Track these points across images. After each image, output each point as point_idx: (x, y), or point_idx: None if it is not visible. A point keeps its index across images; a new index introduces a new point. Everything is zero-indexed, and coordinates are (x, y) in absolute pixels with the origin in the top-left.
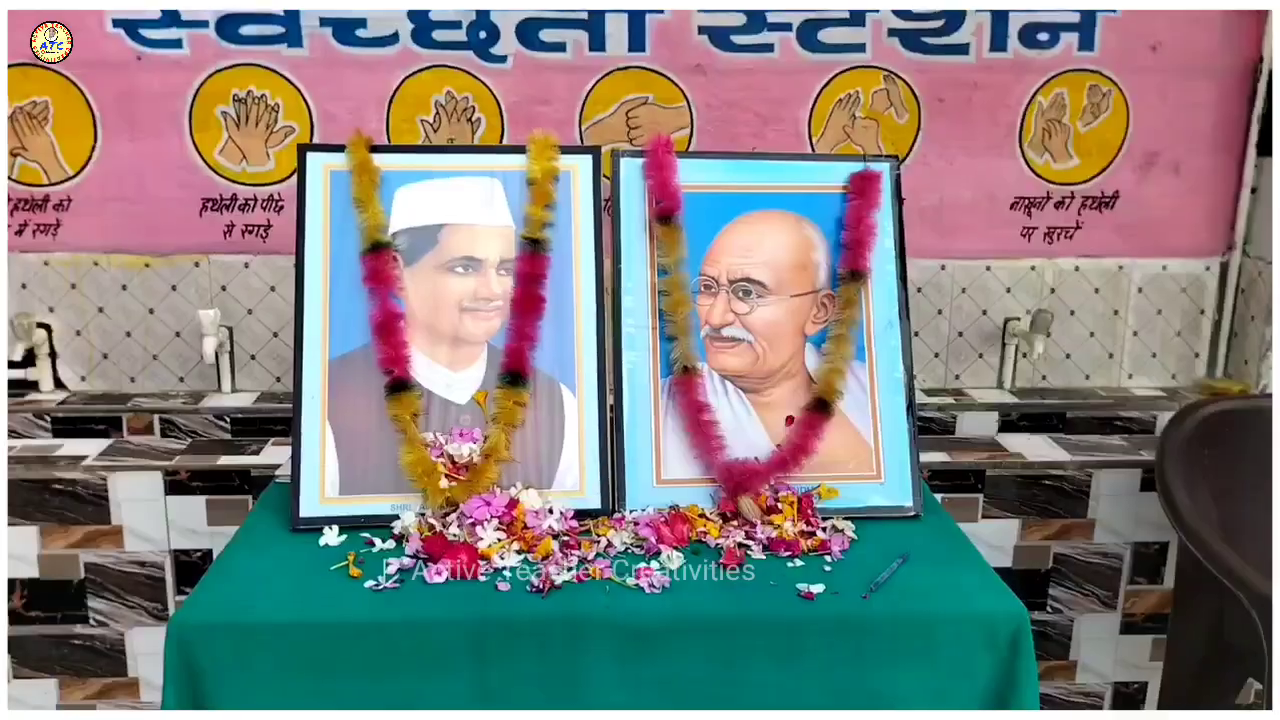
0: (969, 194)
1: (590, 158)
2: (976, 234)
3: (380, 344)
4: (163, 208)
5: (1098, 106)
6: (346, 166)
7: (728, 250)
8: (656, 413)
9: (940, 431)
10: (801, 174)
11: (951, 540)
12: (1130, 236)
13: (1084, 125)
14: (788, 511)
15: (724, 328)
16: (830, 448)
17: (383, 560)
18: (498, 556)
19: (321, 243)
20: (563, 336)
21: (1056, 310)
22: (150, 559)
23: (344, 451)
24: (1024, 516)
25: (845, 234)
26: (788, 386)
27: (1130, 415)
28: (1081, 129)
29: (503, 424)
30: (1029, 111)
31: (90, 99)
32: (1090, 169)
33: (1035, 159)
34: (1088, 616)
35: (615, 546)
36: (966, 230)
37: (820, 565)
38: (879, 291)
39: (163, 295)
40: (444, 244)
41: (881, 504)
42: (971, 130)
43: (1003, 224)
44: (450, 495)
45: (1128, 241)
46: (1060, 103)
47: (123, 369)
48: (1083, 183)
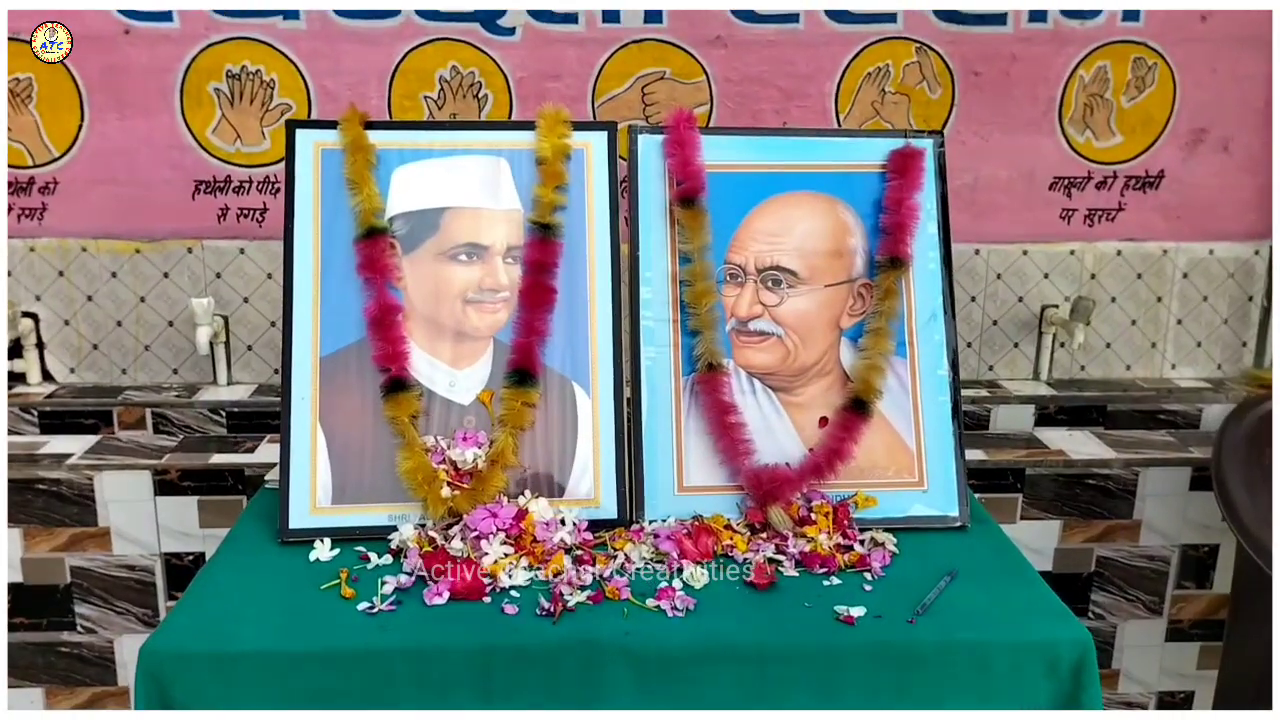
0: (1005, 173)
1: (605, 134)
2: (1013, 216)
3: (376, 339)
4: (153, 190)
5: (1142, 80)
6: (339, 144)
7: (755, 236)
8: (678, 414)
9: (974, 426)
10: (836, 152)
11: (1002, 554)
12: (1175, 218)
13: (1128, 100)
14: (822, 523)
15: (751, 321)
16: (868, 452)
17: (378, 579)
18: (504, 574)
19: (312, 228)
20: (575, 331)
21: (1096, 296)
22: (139, 563)
23: (337, 457)
24: (1065, 517)
25: (884, 217)
26: (821, 385)
27: (1174, 408)
28: (1125, 104)
29: (510, 427)
30: (1069, 86)
31: (76, 75)
32: (1134, 147)
33: (1076, 136)
34: (1132, 623)
35: (633, 562)
36: (1002, 212)
37: (859, 583)
38: (921, 280)
39: (154, 283)
40: (446, 229)
41: (924, 514)
42: (1008, 106)
43: (1041, 205)
44: (453, 505)
45: (1172, 224)
46: (1103, 76)
47: (113, 360)
48: (1126, 162)
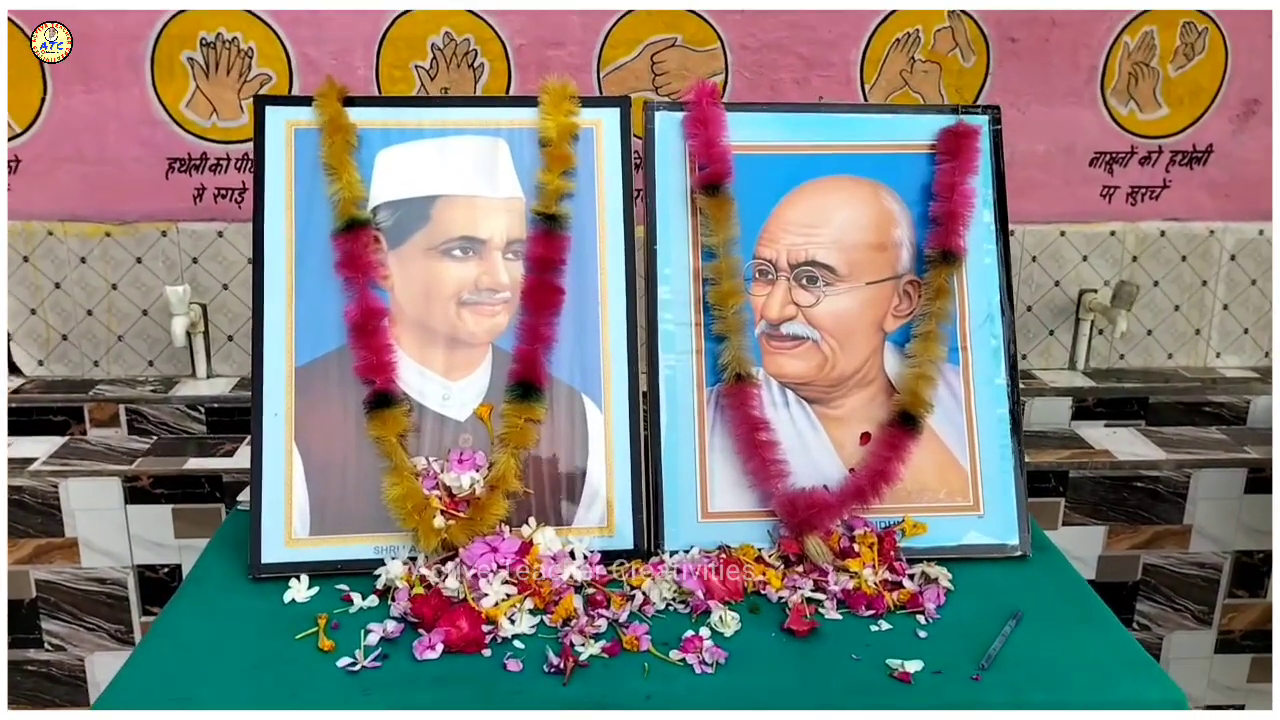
0: (1043, 148)
1: (617, 111)
2: (1051, 194)
3: (358, 347)
4: (123, 169)
5: (1191, 47)
6: (315, 123)
7: (788, 227)
8: (701, 430)
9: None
10: (879, 130)
11: (1069, 589)
12: (1223, 196)
13: (1175, 69)
14: (866, 555)
15: (783, 323)
16: (916, 472)
17: (362, 626)
18: (506, 618)
19: (284, 220)
20: (585, 336)
21: (1138, 280)
22: (110, 575)
23: (315, 482)
24: (1110, 523)
25: (934, 205)
26: (863, 396)
27: (1221, 400)
28: (1172, 73)
29: (512, 446)
30: (1113, 53)
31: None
32: (1181, 120)
33: (1119, 108)
34: (1179, 634)
35: (653, 603)
36: (1039, 190)
37: (911, 628)
38: (975, 276)
39: (126, 268)
40: (437, 221)
41: (980, 542)
42: (1047, 75)
43: (1080, 182)
44: (447, 537)
45: (1220, 202)
46: (1149, 43)
47: (84, 352)
48: (1171, 135)
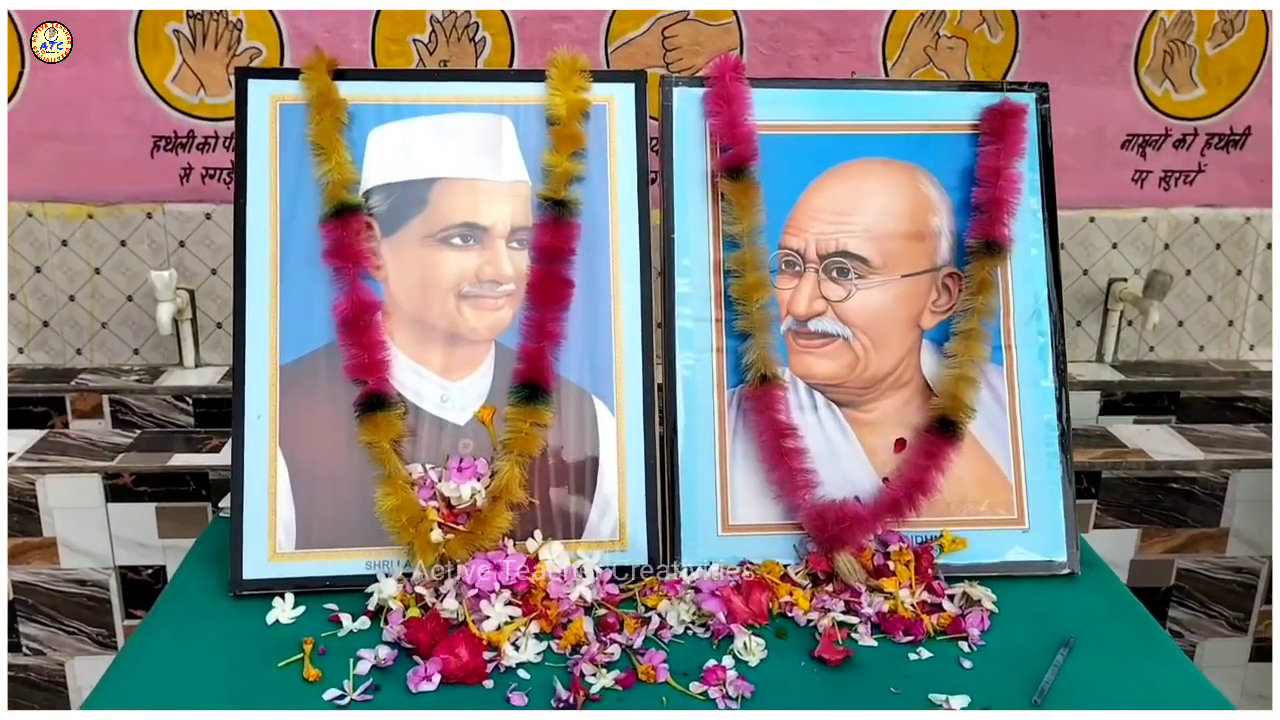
0: (1072, 130)
1: (631, 87)
2: (1080, 178)
3: (349, 344)
4: (106, 147)
5: (1231, 24)
6: (303, 99)
7: (817, 214)
8: (722, 436)
9: None
10: (916, 108)
11: (1123, 610)
12: (1260, 181)
13: (1213, 47)
14: (902, 574)
15: (812, 319)
16: (956, 483)
17: (352, 653)
18: (510, 644)
19: (269, 205)
20: (596, 333)
21: (1169, 269)
22: (92, 577)
23: (301, 491)
24: (1144, 526)
25: (977, 190)
26: (898, 399)
27: (1254, 395)
28: (1210, 51)
29: (516, 453)
30: (1148, 30)
31: (14, 15)
32: (1218, 100)
33: (1153, 88)
34: (1213, 641)
35: (670, 626)
36: (1069, 174)
37: (954, 656)
38: (1021, 268)
39: (110, 252)
40: (435, 206)
41: (1025, 558)
42: (1079, 53)
43: (1111, 166)
44: (445, 552)
45: (1257, 188)
46: (1186, 20)
47: (66, 339)
48: (1208, 117)
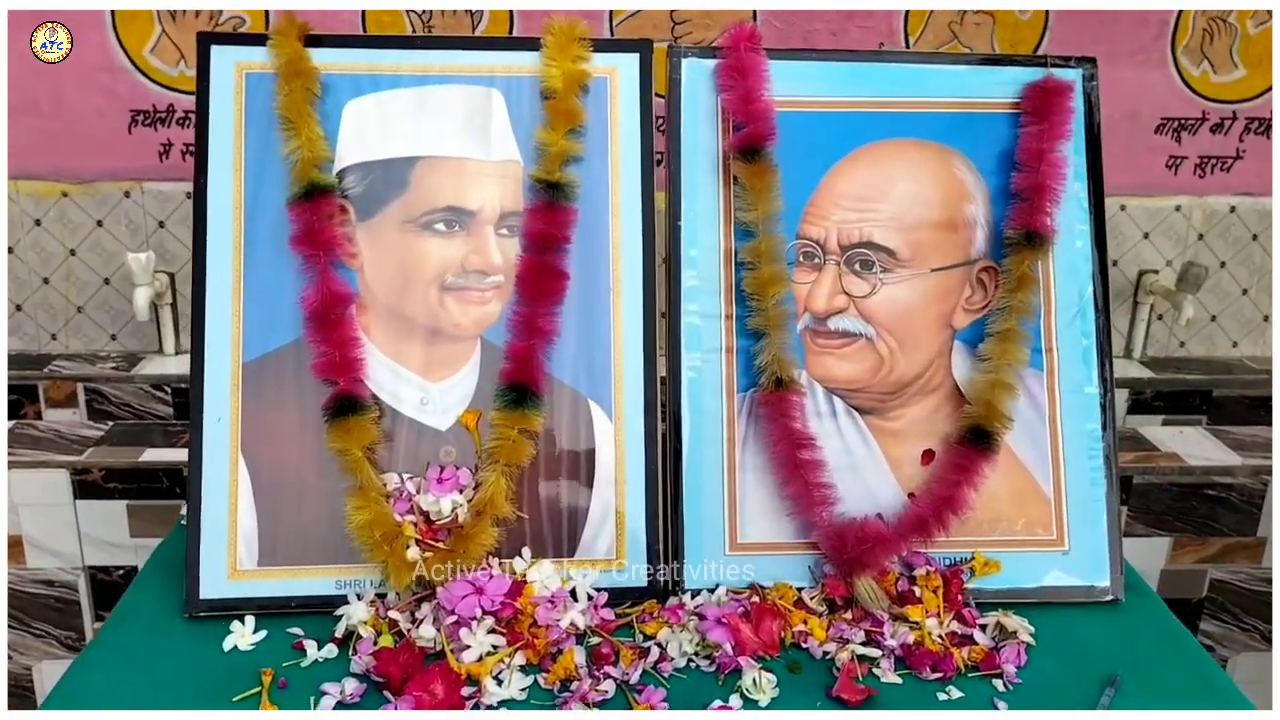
0: (1105, 112)
1: (636, 58)
2: (1113, 163)
3: (318, 340)
4: (82, 122)
5: None
6: (270, 67)
7: (839, 200)
8: (731, 445)
9: None
10: (950, 83)
11: (1172, 643)
12: None
13: (1255, 25)
14: (929, 601)
15: (832, 317)
16: (990, 500)
17: (315, 686)
18: (492, 678)
19: (232, 185)
20: (593, 330)
21: (1203, 260)
22: (60, 577)
23: (265, 502)
24: (1176, 534)
25: (1017, 176)
26: (926, 406)
27: None
28: (1252, 30)
29: (503, 462)
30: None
31: None
32: (1259, 83)
33: (1190, 69)
34: (1246, 655)
35: (671, 658)
36: None
37: (987, 694)
38: (1064, 263)
39: (86, 232)
40: (417, 188)
41: (1064, 583)
42: (1113, 30)
43: (1145, 151)
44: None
45: None
46: None
47: (40, 323)
48: (1248, 100)
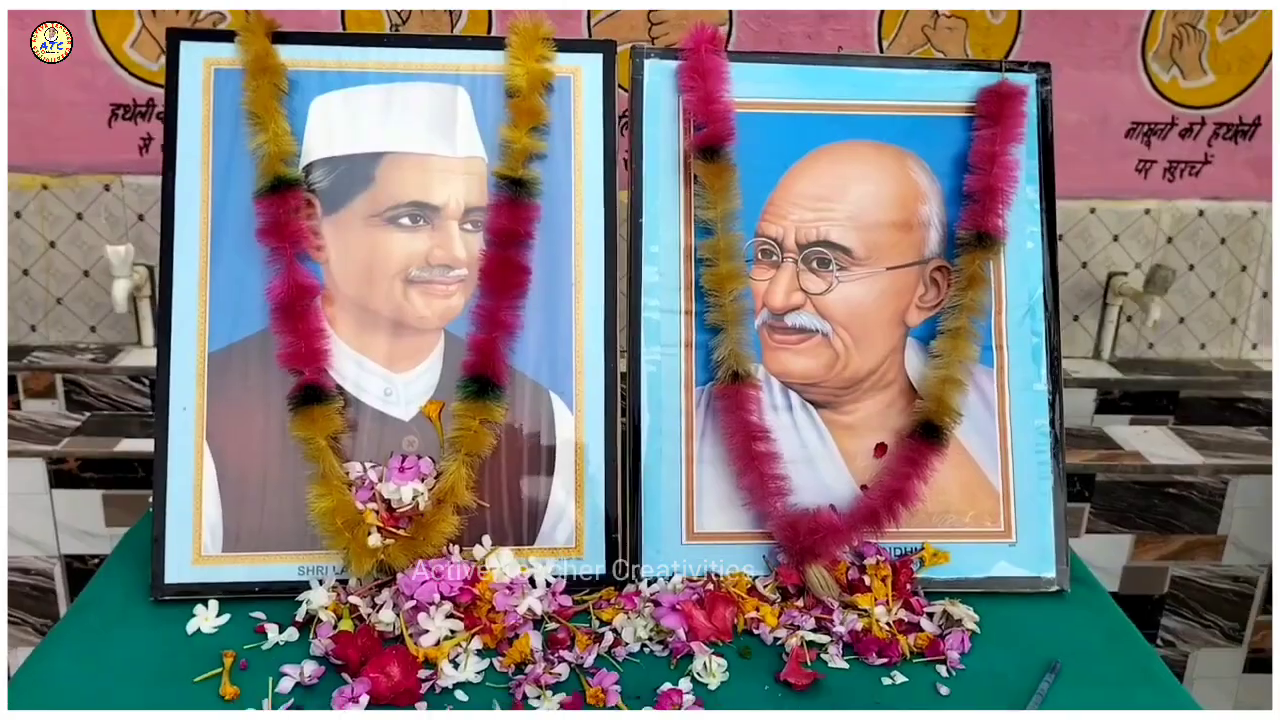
0: (1075, 116)
1: (599, 58)
2: (1082, 167)
3: (284, 331)
4: (61, 115)
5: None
6: (238, 63)
7: (797, 200)
8: (688, 437)
9: None
10: (907, 87)
11: (1116, 635)
12: (1269, 174)
13: (1224, 32)
14: (879, 589)
15: (789, 313)
16: (940, 492)
17: (276, 667)
18: (449, 661)
19: (200, 178)
20: (555, 324)
21: (1172, 263)
22: (36, 566)
23: (230, 490)
24: (1138, 532)
25: (970, 178)
26: (879, 401)
27: (1255, 395)
28: (1221, 36)
29: (464, 452)
30: (1157, 12)
31: None
32: (1227, 89)
33: (1160, 74)
34: (1206, 651)
35: (626, 643)
36: (1070, 162)
37: (931, 681)
38: (1015, 263)
39: (66, 225)
40: (382, 183)
41: (1010, 574)
42: (1083, 35)
43: (1115, 155)
44: (384, 559)
45: (1266, 180)
46: None
47: (20, 315)
48: (1217, 106)
